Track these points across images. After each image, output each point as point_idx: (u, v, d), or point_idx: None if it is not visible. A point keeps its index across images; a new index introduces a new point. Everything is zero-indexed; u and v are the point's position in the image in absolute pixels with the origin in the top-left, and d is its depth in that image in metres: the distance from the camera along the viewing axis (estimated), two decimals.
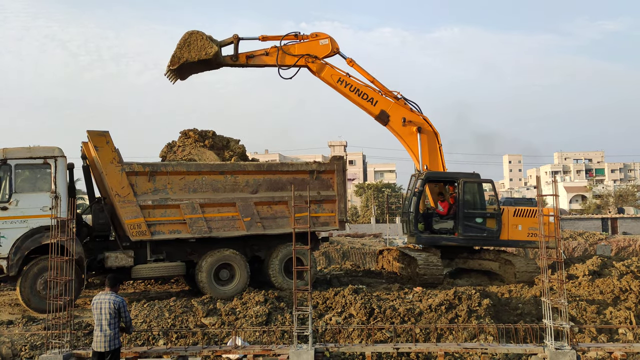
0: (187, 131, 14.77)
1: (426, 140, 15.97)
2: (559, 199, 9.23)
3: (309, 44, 16.08)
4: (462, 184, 14.89)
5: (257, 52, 15.89)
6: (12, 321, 10.78)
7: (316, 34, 16.14)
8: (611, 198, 73.18)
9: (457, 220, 14.86)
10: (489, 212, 15.00)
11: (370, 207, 59.49)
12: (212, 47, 15.07)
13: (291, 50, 15.82)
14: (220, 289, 12.49)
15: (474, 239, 15.02)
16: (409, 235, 15.51)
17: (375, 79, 16.12)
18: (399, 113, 16.06)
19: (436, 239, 15.13)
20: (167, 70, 15.35)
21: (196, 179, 12.50)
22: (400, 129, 16.09)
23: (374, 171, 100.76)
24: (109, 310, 7.45)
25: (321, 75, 15.98)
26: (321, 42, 16.05)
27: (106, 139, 11.92)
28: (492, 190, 15.95)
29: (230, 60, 15.61)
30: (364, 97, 16.04)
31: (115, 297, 7.56)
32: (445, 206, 15.50)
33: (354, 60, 16.24)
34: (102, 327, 7.43)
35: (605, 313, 11.25)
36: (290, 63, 15.94)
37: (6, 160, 11.29)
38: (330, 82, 16.06)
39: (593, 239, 36.56)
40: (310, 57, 15.87)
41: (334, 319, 10.62)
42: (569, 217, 50.79)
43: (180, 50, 14.97)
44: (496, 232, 14.84)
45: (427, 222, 15.36)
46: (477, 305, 10.68)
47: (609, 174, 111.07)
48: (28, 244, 11.18)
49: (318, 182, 13.58)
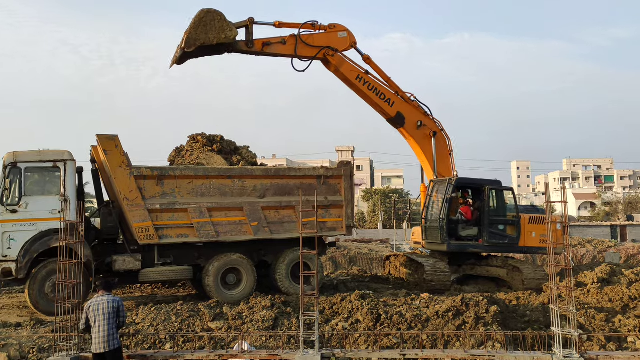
0: (195, 135, 14.85)
1: (438, 145, 15.73)
2: (567, 206, 9.19)
3: (328, 36, 14.99)
4: (488, 191, 14.85)
5: (274, 39, 14.51)
6: (21, 323, 10.83)
7: (334, 25, 15.13)
8: (620, 205, 72.66)
9: (482, 227, 14.78)
10: (511, 219, 14.99)
11: (378, 213, 59.38)
12: (233, 30, 13.63)
13: (309, 40, 14.67)
14: (227, 294, 12.51)
15: (497, 245, 14.97)
16: (440, 243, 14.75)
17: (390, 79, 15.51)
18: (414, 116, 15.59)
19: (464, 246, 14.92)
20: (179, 53, 13.73)
21: (204, 183, 12.54)
22: (415, 132, 15.62)
23: (382, 176, 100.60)
24: (109, 310, 7.56)
25: (340, 70, 15.03)
26: (339, 34, 15.08)
27: (115, 143, 11.99)
28: (512, 198, 15.81)
29: (245, 46, 14.21)
30: (382, 97, 15.32)
31: (114, 297, 7.73)
32: (467, 212, 15.26)
33: (371, 57, 15.44)
34: (102, 327, 7.50)
35: (614, 321, 11.15)
36: (308, 54, 14.78)
37: (16, 163, 11.39)
38: (348, 79, 15.20)
39: (602, 247, 36.28)
40: (331, 50, 14.86)
41: (340, 325, 10.58)
42: (577, 224, 50.44)
43: (195, 30, 13.25)
44: (516, 239, 14.87)
45: (452, 229, 14.99)
46: (485, 312, 10.62)
47: (618, 180, 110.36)
48: (37, 246, 11.25)
49: (325, 187, 13.58)
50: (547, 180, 44.75)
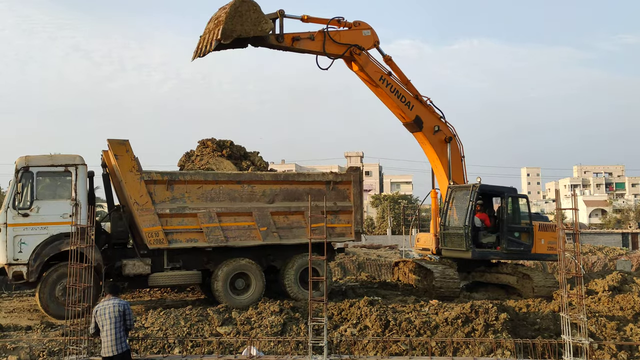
0: (205, 141, 14.92)
1: (452, 150, 15.58)
2: (578, 213, 9.12)
3: (354, 33, 14.47)
4: (507, 198, 14.83)
5: (303, 34, 13.86)
6: (31, 327, 10.90)
7: (359, 23, 14.59)
8: (632, 212, 72.08)
9: (501, 234, 14.74)
10: (526, 227, 14.98)
11: (386, 219, 59.26)
12: (268, 22, 12.95)
13: (336, 37, 14.16)
14: (236, 298, 12.52)
15: (513, 252, 14.94)
16: (464, 250, 14.47)
17: (410, 82, 15.15)
18: (432, 121, 15.35)
19: (486, 254, 14.84)
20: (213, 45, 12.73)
21: (213, 188, 12.58)
22: (432, 137, 15.36)
23: (391, 182, 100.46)
24: (115, 314, 7.60)
25: (365, 69, 14.53)
26: (364, 32, 14.60)
27: (126, 148, 12.07)
28: (525, 205, 15.72)
29: (276, 40, 13.47)
30: (402, 100, 14.93)
31: (120, 301, 7.77)
32: (486, 219, 15.17)
33: (392, 58, 15.01)
34: (110, 331, 7.56)
35: (626, 329, 11.04)
36: (336, 52, 14.25)
37: (28, 167, 11.49)
38: (371, 79, 14.71)
39: (613, 254, 35.99)
40: (358, 49, 14.33)
41: (349, 331, 10.56)
42: (588, 232, 50.07)
43: (231, 21, 12.44)
44: (529, 246, 14.86)
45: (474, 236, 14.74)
46: (495, 319, 10.55)
47: (630, 188, 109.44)
48: (48, 250, 11.33)
49: (334, 193, 13.58)
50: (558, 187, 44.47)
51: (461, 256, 14.91)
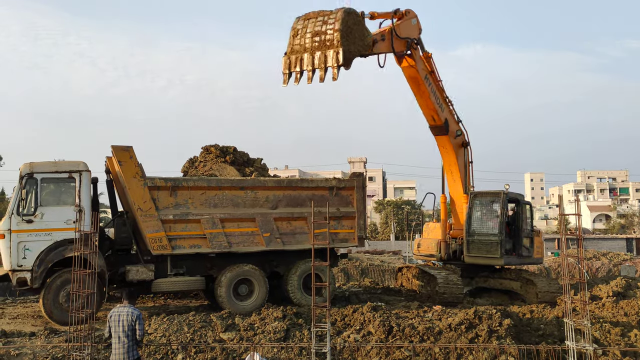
0: (208, 147, 14.97)
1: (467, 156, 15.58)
2: (582, 219, 9.12)
3: (406, 25, 13.17)
4: (525, 205, 14.96)
5: (377, 36, 12.36)
6: (35, 333, 10.92)
7: (408, 11, 13.19)
8: (636, 218, 71.85)
9: (517, 240, 14.85)
10: (532, 233, 15.19)
11: (390, 224, 59.21)
12: (369, 32, 11.78)
13: (398, 32, 12.83)
14: (239, 304, 12.52)
15: (525, 258, 15.10)
16: (498, 257, 14.29)
17: (441, 82, 14.36)
18: (454, 124, 15.06)
19: (514, 260, 14.91)
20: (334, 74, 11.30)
21: (217, 194, 12.61)
22: (454, 141, 15.09)
23: (394, 188, 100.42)
24: (128, 323, 7.58)
25: (418, 65, 13.37)
26: (412, 21, 13.33)
27: (130, 154, 12.12)
28: (529, 211, 15.72)
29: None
30: (437, 101, 14.29)
31: (133, 310, 7.74)
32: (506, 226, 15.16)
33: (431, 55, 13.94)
34: (120, 339, 7.55)
35: (630, 335, 10.99)
36: (401, 49, 13.01)
37: (32, 174, 11.53)
38: (418, 77, 13.62)
39: (617, 260, 35.80)
40: (415, 43, 13.19)
41: (352, 337, 10.55)
42: (592, 237, 49.92)
43: (346, 41, 10.97)
44: (533, 251, 15.07)
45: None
46: (498, 325, 10.52)
47: (634, 193, 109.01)
48: (52, 256, 11.36)
49: (338, 199, 13.59)
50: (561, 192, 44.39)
51: (492, 263, 14.90)
